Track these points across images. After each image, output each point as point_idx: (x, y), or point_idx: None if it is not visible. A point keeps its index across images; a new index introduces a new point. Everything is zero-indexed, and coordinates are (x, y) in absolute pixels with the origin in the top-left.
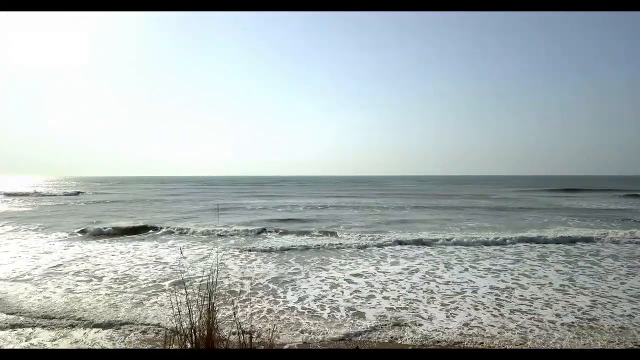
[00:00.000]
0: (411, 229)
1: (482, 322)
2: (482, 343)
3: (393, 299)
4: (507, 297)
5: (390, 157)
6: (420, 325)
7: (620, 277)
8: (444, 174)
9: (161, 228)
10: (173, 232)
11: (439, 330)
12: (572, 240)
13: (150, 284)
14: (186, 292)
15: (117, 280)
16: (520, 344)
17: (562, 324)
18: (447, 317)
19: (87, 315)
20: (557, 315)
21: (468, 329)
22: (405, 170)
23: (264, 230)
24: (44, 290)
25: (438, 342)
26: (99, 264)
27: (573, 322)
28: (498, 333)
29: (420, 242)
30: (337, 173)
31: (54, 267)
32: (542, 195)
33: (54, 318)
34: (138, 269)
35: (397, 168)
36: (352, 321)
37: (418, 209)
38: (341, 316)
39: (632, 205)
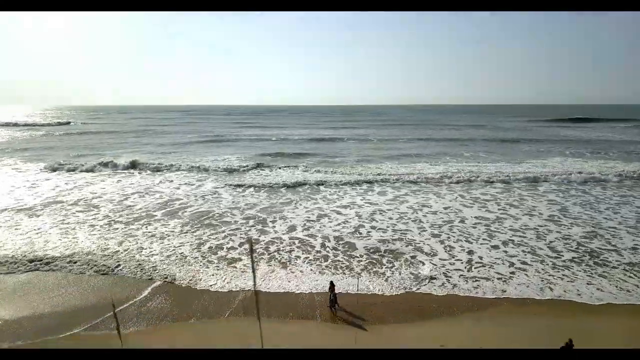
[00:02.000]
0: (405, 161)
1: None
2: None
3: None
4: (497, 227)
5: (387, 85)
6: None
7: (612, 206)
8: (444, 102)
9: (151, 163)
10: (163, 166)
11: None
12: (560, 173)
13: (143, 213)
14: None
15: (115, 210)
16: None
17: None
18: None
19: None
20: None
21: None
22: (404, 99)
23: (258, 164)
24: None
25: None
26: (95, 192)
27: (573, 258)
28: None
29: (411, 174)
30: (336, 102)
31: (55, 195)
32: (545, 126)
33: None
34: (134, 198)
35: (395, 97)
36: (350, 254)
37: (414, 141)
38: (333, 247)
39: (636, 137)
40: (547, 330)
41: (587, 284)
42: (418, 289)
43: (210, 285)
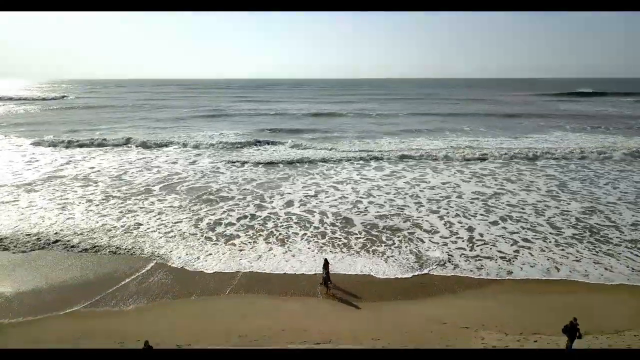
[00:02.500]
0: (405, 137)
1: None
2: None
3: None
4: (495, 202)
5: (388, 59)
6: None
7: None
8: (446, 76)
9: (148, 139)
10: (160, 141)
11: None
12: (560, 148)
13: (142, 188)
14: None
15: (113, 185)
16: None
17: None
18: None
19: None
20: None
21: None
22: (404, 72)
23: (256, 140)
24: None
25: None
26: (93, 168)
27: (574, 235)
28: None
29: (410, 150)
30: (335, 76)
31: (53, 170)
32: (547, 100)
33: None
34: (132, 172)
35: (396, 70)
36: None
37: (414, 116)
38: (331, 222)
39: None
40: (552, 309)
41: (595, 263)
42: (420, 269)
43: (210, 264)
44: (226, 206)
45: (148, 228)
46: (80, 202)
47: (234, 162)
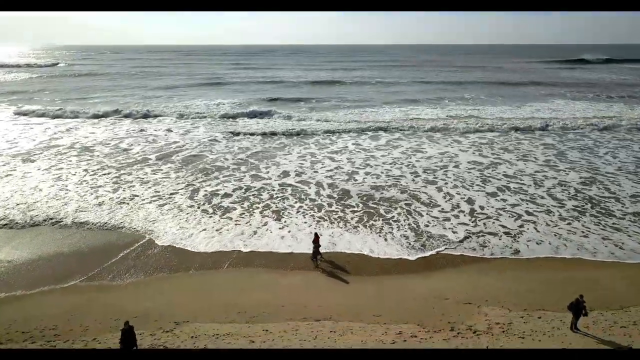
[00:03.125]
0: (404, 105)
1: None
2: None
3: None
4: (492, 173)
5: (387, 23)
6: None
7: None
8: (448, 42)
9: (142, 109)
10: (155, 111)
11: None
12: (559, 117)
13: (139, 157)
14: None
15: (111, 154)
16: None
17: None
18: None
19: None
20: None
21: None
22: (404, 38)
23: (252, 111)
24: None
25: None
26: (87, 137)
27: (575, 207)
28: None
29: (408, 119)
30: (335, 42)
31: (47, 140)
32: (549, 67)
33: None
34: (128, 142)
35: (396, 36)
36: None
37: (414, 84)
38: (328, 194)
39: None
40: (557, 285)
41: (603, 239)
42: (423, 250)
43: (206, 240)
44: (221, 176)
45: (144, 200)
46: (75, 173)
47: (230, 132)
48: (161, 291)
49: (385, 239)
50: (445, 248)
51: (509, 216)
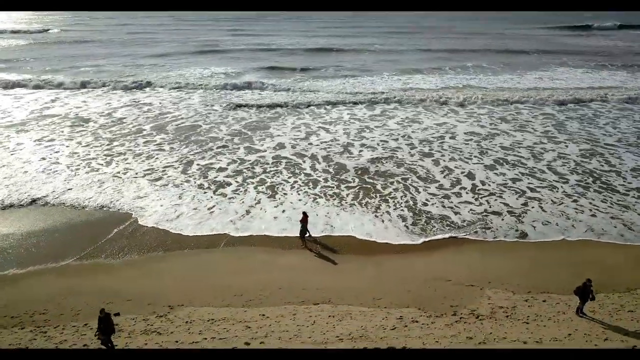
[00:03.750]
0: (403, 74)
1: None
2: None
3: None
4: (490, 145)
5: None
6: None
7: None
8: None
9: (136, 80)
10: (148, 80)
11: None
12: (560, 86)
13: (133, 128)
14: None
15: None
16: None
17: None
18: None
19: None
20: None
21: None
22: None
23: (246, 80)
24: None
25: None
26: (80, 107)
27: (578, 182)
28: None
29: (407, 89)
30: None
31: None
32: (555, 34)
33: None
34: (123, 112)
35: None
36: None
37: (415, 52)
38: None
39: None
40: (563, 267)
41: (612, 218)
42: (425, 235)
43: (200, 218)
44: (215, 147)
45: (137, 174)
46: (68, 145)
47: (225, 101)
48: (155, 272)
49: (383, 221)
50: (447, 233)
51: (512, 192)
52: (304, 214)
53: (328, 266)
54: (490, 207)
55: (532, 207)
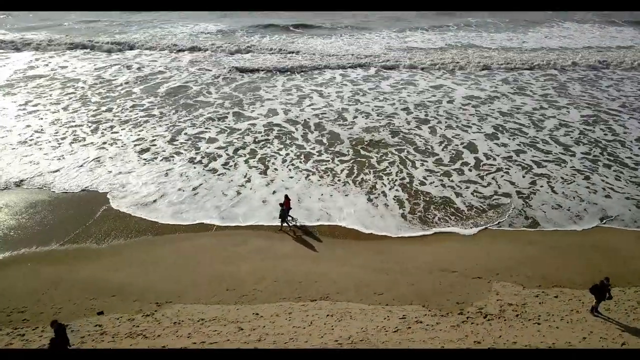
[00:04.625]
0: (402, 30)
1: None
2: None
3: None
4: (488, 111)
5: None
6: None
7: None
8: None
9: (119, 40)
10: (136, 40)
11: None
12: (566, 44)
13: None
14: None
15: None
16: None
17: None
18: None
19: None
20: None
21: None
22: None
23: (240, 41)
24: None
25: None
26: (66, 68)
27: (585, 156)
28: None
29: (404, 47)
30: None
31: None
32: None
33: None
34: (111, 72)
35: None
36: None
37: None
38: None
39: None
40: (576, 256)
41: (627, 199)
42: (426, 227)
43: (189, 202)
44: (206, 114)
45: (124, 145)
46: (53, 111)
47: (216, 61)
48: (141, 262)
49: (377, 205)
50: (452, 227)
51: (518, 168)
52: (286, 197)
53: (324, 255)
54: (499, 187)
55: (541, 187)
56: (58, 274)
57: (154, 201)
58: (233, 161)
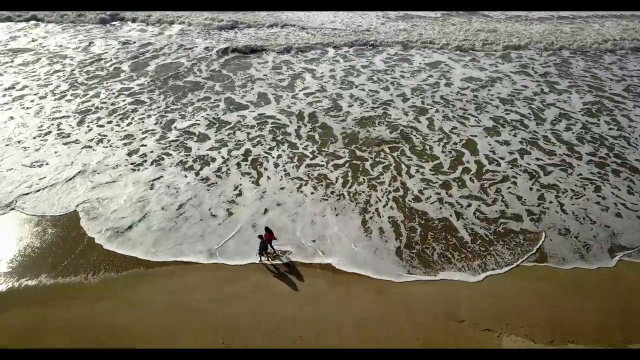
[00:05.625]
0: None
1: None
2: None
3: None
4: (488, 96)
5: None
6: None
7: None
8: None
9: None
10: (126, 14)
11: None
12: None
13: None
14: None
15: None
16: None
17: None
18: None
19: None
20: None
21: None
22: None
23: (233, 23)
24: None
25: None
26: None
27: (591, 158)
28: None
29: (399, 18)
30: None
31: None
32: None
33: None
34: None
35: None
36: None
37: None
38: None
39: None
40: (594, 302)
41: None
42: (433, 273)
43: (167, 225)
44: (196, 100)
45: (112, 144)
46: (42, 101)
47: (206, 36)
48: (129, 303)
49: (371, 237)
50: (456, 273)
51: (525, 178)
52: (267, 229)
53: (323, 294)
54: (506, 206)
55: (550, 202)
56: (36, 319)
57: (130, 227)
58: (226, 166)
